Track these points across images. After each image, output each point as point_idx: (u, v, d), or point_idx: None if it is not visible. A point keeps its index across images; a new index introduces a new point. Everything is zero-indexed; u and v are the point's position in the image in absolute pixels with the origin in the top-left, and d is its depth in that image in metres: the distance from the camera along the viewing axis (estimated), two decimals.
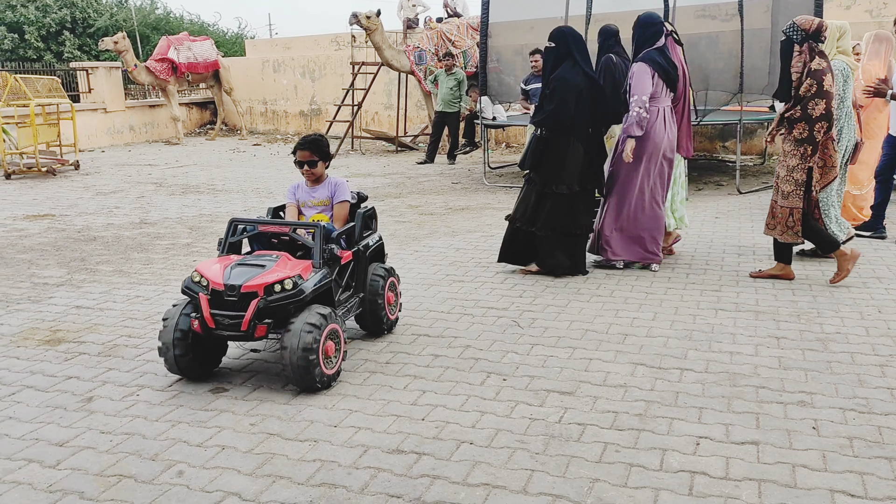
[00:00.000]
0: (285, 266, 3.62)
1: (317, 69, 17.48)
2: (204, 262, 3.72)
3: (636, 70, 5.34)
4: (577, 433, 3.16)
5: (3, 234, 7.34)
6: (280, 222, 3.97)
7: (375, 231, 4.44)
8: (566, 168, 5.37)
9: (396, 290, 4.47)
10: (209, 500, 2.69)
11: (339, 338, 3.66)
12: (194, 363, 3.67)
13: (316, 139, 4.21)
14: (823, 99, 4.89)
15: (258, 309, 3.46)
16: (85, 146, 14.31)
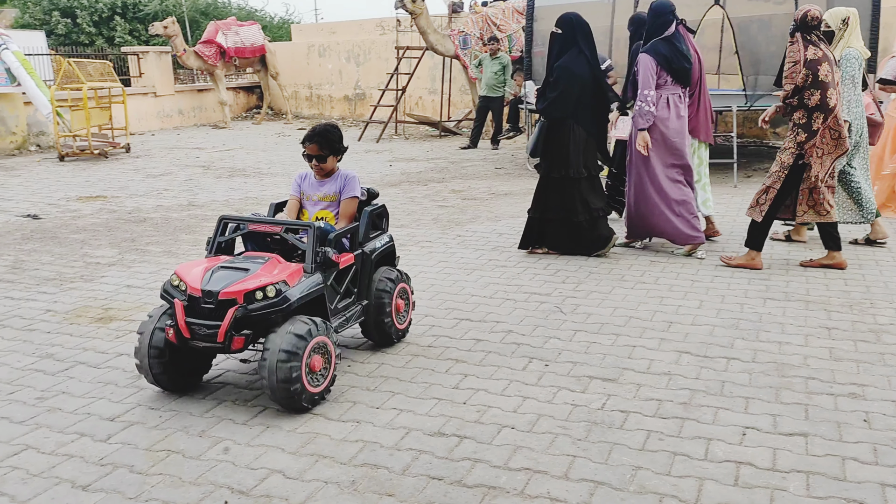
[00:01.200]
0: (271, 270, 3.26)
1: (361, 54, 17.53)
2: (185, 264, 3.40)
3: (641, 63, 5.44)
4: (620, 420, 3.13)
5: (58, 214, 7.55)
6: (272, 221, 3.58)
7: (385, 231, 4.04)
8: (570, 154, 5.45)
9: (408, 298, 4.03)
10: (254, 476, 2.74)
11: (329, 352, 3.27)
12: (178, 377, 3.35)
13: (325, 130, 3.80)
14: (818, 89, 4.91)
15: (236, 318, 3.10)
16: (135, 129, 14.61)
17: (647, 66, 5.39)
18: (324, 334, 3.22)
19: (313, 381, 3.20)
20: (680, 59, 5.42)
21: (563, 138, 5.46)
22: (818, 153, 5.00)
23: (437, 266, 5.50)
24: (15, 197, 8.47)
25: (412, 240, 6.31)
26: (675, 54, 5.41)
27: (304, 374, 3.11)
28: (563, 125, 5.45)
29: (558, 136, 5.46)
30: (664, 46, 5.42)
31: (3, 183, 9.39)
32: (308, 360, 3.13)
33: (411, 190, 8.77)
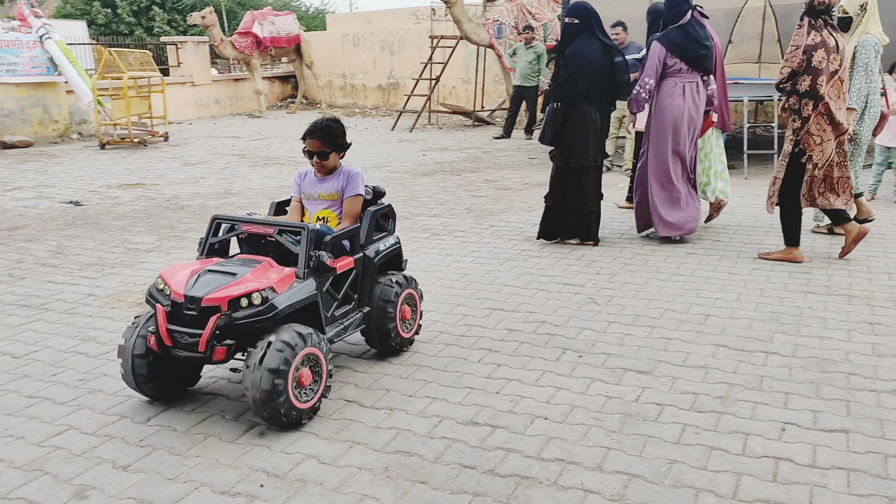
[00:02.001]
0: (261, 276, 3.03)
1: (395, 43, 17.53)
2: (172, 267, 3.17)
3: (651, 50, 5.50)
4: (655, 413, 3.09)
5: (99, 201, 7.69)
6: (265, 221, 3.31)
7: (392, 233, 3.78)
8: (587, 143, 5.50)
9: (416, 304, 3.76)
10: (289, 461, 2.77)
11: (320, 365, 3.03)
12: (163, 385, 3.17)
13: (327, 126, 3.53)
14: (810, 75, 4.88)
15: (218, 327, 2.89)
16: (173, 118, 14.81)
17: (655, 54, 5.44)
18: (314, 346, 2.98)
19: (301, 395, 2.95)
20: (694, 47, 5.41)
21: (579, 126, 5.47)
22: (815, 140, 4.95)
23: (469, 256, 5.50)
24: (58, 184, 8.65)
25: (445, 229, 6.31)
26: (689, 42, 5.40)
27: (291, 388, 2.87)
28: (578, 112, 5.46)
29: (574, 123, 5.47)
30: (678, 34, 5.42)
31: (46, 170, 9.60)
32: (295, 373, 2.90)
33: (444, 180, 8.76)
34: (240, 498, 2.55)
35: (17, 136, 11.61)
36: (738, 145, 8.72)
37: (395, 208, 7.11)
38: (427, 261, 5.38)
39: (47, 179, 8.92)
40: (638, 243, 5.75)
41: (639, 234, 5.96)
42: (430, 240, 5.98)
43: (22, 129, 11.88)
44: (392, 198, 7.62)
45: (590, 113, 5.48)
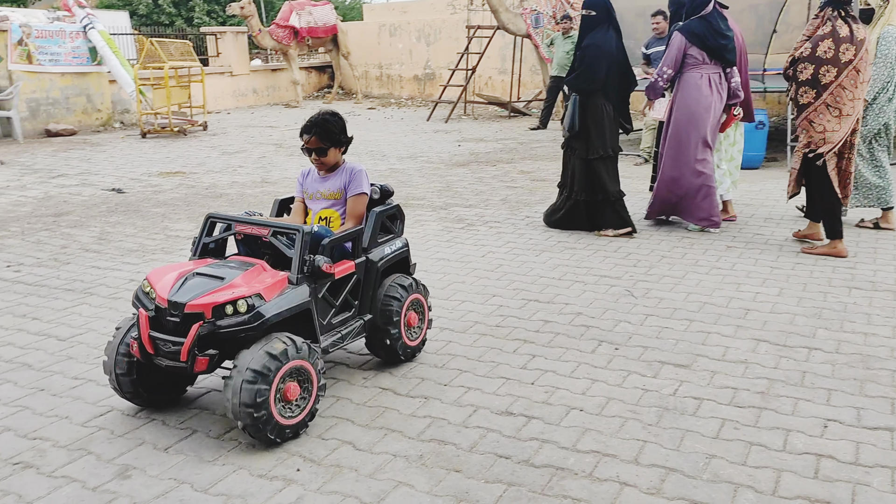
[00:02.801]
0: (251, 280, 2.83)
1: (432, 33, 17.50)
2: (160, 268, 3.00)
3: (672, 40, 5.54)
4: (693, 407, 3.05)
5: (140, 189, 7.83)
6: (260, 222, 3.09)
7: (400, 235, 3.56)
8: (601, 132, 5.55)
9: (423, 310, 3.54)
10: (325, 447, 2.80)
11: (310, 379, 2.84)
12: (151, 393, 3.01)
13: (324, 120, 3.32)
14: (813, 64, 4.91)
15: (199, 336, 2.71)
16: (212, 108, 14.99)
17: (675, 44, 5.48)
18: (303, 358, 2.78)
19: (285, 411, 2.75)
20: (715, 37, 5.42)
21: (596, 117, 5.55)
22: (816, 129, 4.97)
23: (505, 247, 5.48)
24: (101, 171, 8.83)
25: (480, 220, 6.30)
26: (710, 32, 5.42)
27: (274, 401, 2.68)
28: (595, 103, 5.54)
29: (592, 114, 5.55)
30: (699, 25, 5.44)
31: (89, 158, 9.79)
32: (280, 385, 2.71)
33: (480, 170, 8.74)
34: (277, 481, 2.58)
35: (62, 125, 11.86)
36: (781, 137, 8.54)
37: (430, 199, 7.18)
38: (462, 251, 5.38)
39: (91, 167, 9.10)
40: (676, 236, 5.68)
41: (645, 219, 6.05)
42: (465, 230, 5.97)
43: (66, 118, 12.13)
44: (427, 188, 7.65)
45: (604, 105, 5.55)
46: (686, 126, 5.54)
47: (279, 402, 2.72)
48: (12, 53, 11.32)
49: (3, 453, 2.76)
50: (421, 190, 7.60)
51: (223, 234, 3.19)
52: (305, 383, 2.83)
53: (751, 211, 6.43)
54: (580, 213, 5.77)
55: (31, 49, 11.51)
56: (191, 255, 3.18)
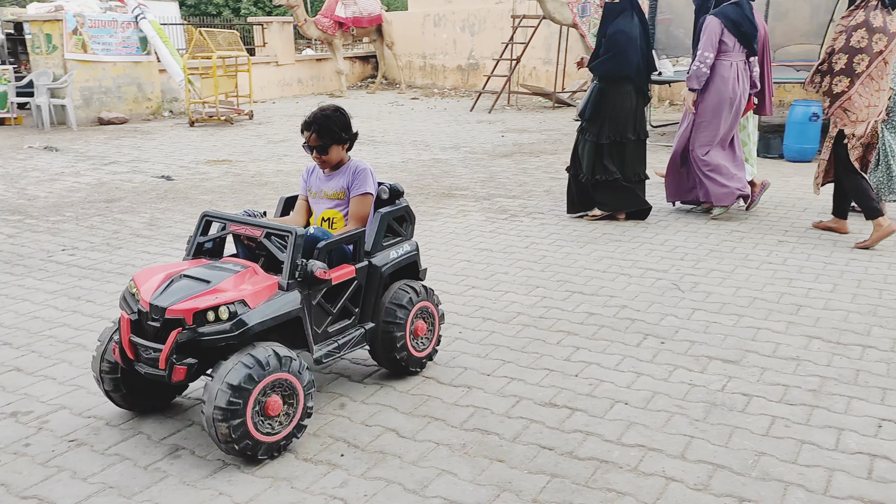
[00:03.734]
0: (238, 285, 2.66)
1: (477, 23, 17.41)
2: (148, 269, 2.85)
3: (707, 24, 5.51)
4: (742, 404, 3.00)
5: (188, 176, 7.97)
6: (254, 223, 2.90)
7: (408, 238, 3.31)
8: (620, 118, 5.61)
9: (433, 318, 3.30)
10: (369, 433, 2.82)
11: (295, 393, 2.64)
12: (138, 397, 2.89)
13: (324, 116, 3.14)
14: (846, 54, 4.96)
15: (178, 343, 2.55)
16: (258, 97, 15.17)
17: (713, 29, 5.45)
18: (284, 370, 2.58)
19: (265, 427, 2.57)
20: (748, 25, 5.49)
21: (616, 104, 5.60)
22: (850, 117, 5.01)
23: (549, 238, 5.44)
24: (151, 159, 9.01)
25: (524, 211, 6.26)
26: (743, 19, 5.47)
27: (251, 418, 2.51)
28: (618, 90, 5.58)
29: (613, 101, 5.59)
30: (733, 11, 5.47)
31: (140, 146, 10.00)
32: (260, 399, 2.54)
33: (523, 161, 8.68)
34: (321, 466, 2.61)
35: (114, 113, 12.13)
36: None
37: (474, 189, 7.16)
38: (505, 242, 5.36)
39: (141, 154, 9.30)
40: (725, 229, 5.57)
41: (668, 202, 6.21)
42: (508, 221, 5.94)
43: (118, 107, 12.40)
44: (470, 178, 7.63)
45: (629, 91, 5.61)
46: (712, 112, 5.60)
47: (259, 418, 2.54)
48: (67, 43, 11.60)
49: (59, 430, 2.85)
50: (464, 180, 7.59)
51: (218, 234, 3.02)
52: (290, 397, 2.63)
53: (803, 205, 6.27)
54: (587, 193, 5.86)
55: (86, 38, 11.78)
56: (185, 255, 3.03)
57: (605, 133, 5.63)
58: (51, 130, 11.26)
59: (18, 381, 3.26)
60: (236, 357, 2.52)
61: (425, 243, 5.32)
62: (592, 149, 5.68)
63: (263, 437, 2.56)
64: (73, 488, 2.49)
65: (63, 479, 2.55)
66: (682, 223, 5.78)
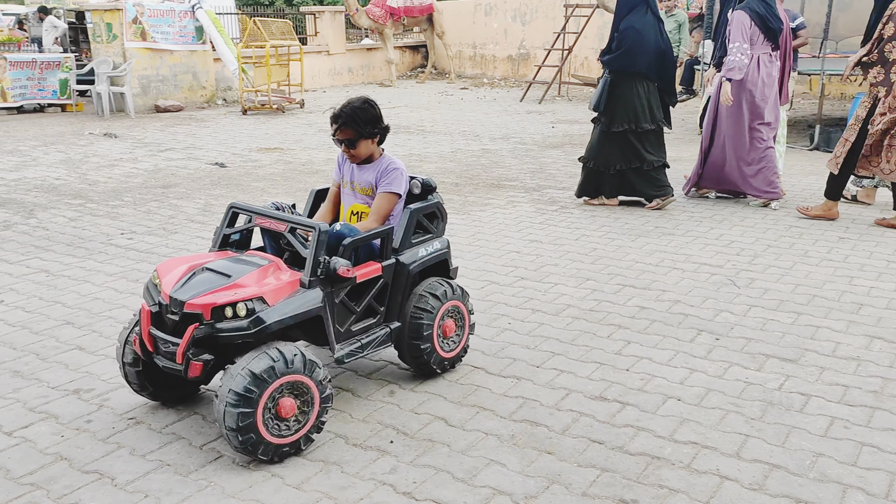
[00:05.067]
0: (260, 280, 2.61)
1: (528, 12, 17.26)
2: (172, 259, 2.82)
3: (735, 18, 5.65)
4: (800, 403, 2.92)
5: (241, 163, 8.10)
6: (277, 216, 2.84)
7: (439, 235, 3.21)
8: (631, 109, 5.71)
9: (463, 318, 3.19)
10: (418, 421, 2.83)
11: (310, 394, 2.58)
12: (162, 389, 2.88)
13: (352, 109, 3.04)
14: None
15: (195, 338, 2.51)
16: (308, 86, 15.31)
17: (741, 22, 5.61)
18: (297, 372, 2.52)
19: (277, 429, 2.52)
20: (774, 20, 5.65)
21: (628, 93, 5.70)
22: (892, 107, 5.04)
23: (599, 230, 5.37)
24: (205, 146, 9.18)
25: (574, 203, 6.20)
26: (769, 13, 5.64)
27: (262, 423, 2.46)
28: (628, 81, 5.69)
29: (623, 93, 5.71)
30: (760, 5, 5.62)
31: (194, 133, 10.20)
32: (271, 403, 2.48)
33: (574, 152, 8.58)
34: (371, 451, 2.63)
35: (170, 101, 12.40)
36: None
37: (523, 180, 7.12)
38: (555, 233, 5.31)
39: (195, 142, 9.48)
40: (784, 225, 5.43)
41: (684, 192, 6.33)
42: (558, 212, 5.89)
43: (174, 95, 12.66)
44: (520, 169, 7.58)
45: (640, 84, 5.71)
46: (739, 105, 5.73)
47: (273, 421, 2.50)
48: (127, 32, 11.88)
49: (118, 408, 2.93)
50: (514, 171, 7.54)
51: (244, 227, 2.98)
52: (304, 398, 2.57)
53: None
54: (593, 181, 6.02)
55: (145, 27, 12.05)
56: (211, 247, 3.00)
57: (616, 122, 5.74)
58: (110, 117, 11.57)
59: (81, 360, 3.36)
60: (240, 365, 2.45)
61: (474, 233, 5.31)
62: (601, 137, 5.84)
63: (279, 439, 2.51)
64: (132, 465, 2.56)
65: (122, 455, 2.62)
66: (738, 217, 5.65)
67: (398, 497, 2.38)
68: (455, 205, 6.09)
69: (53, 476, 2.50)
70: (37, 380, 3.18)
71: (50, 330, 3.69)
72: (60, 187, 6.88)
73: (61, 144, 9.24)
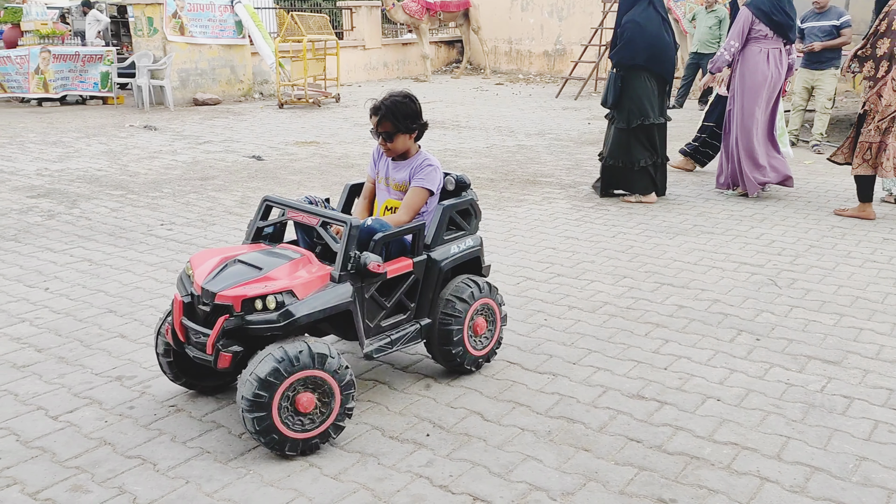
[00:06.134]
0: (288, 274, 2.62)
1: (565, 7, 17.14)
2: (205, 251, 2.86)
3: (739, 14, 5.85)
4: (843, 406, 2.86)
5: (277, 157, 8.18)
6: (309, 210, 2.84)
7: (472, 233, 3.17)
8: (640, 103, 5.81)
9: (494, 316, 3.17)
10: (454, 415, 2.83)
11: (330, 390, 2.56)
12: (196, 378, 2.93)
13: (393, 103, 3.02)
14: (888, 38, 5.09)
15: (225, 330, 2.52)
16: (344, 80, 15.40)
17: (742, 19, 5.78)
18: (317, 367, 2.51)
19: (300, 424, 2.52)
20: (780, 13, 5.72)
21: (636, 90, 5.80)
22: (882, 102, 5.11)
23: (636, 228, 5.32)
24: (242, 139, 9.29)
25: (610, 199, 6.14)
26: (776, 8, 5.71)
27: (279, 420, 2.47)
28: (636, 77, 5.78)
29: (633, 87, 5.80)
30: (766, 2, 5.71)
31: (232, 126, 10.32)
32: (285, 401, 2.48)
33: None
34: (408, 444, 2.64)
35: (208, 94, 12.55)
36: None
37: (559, 176, 7.08)
38: (591, 230, 5.27)
39: (233, 135, 9.59)
40: (826, 225, 5.32)
41: (717, 188, 6.36)
42: (594, 209, 5.85)
43: (212, 88, 12.82)
44: (555, 165, 7.54)
45: (646, 78, 5.79)
46: (745, 97, 5.86)
47: (294, 417, 2.51)
48: (167, 26, 12.06)
49: (160, 395, 2.98)
50: (549, 167, 7.50)
51: (277, 220, 2.98)
52: (324, 394, 2.55)
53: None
54: (615, 178, 6.07)
55: (184, 21, 12.22)
56: (244, 239, 3.01)
57: (634, 118, 5.82)
58: (149, 110, 11.76)
59: (123, 348, 3.43)
60: (257, 359, 2.46)
61: (509, 229, 5.30)
62: (620, 135, 5.91)
63: (296, 434, 2.51)
64: (173, 451, 2.61)
65: (164, 441, 2.67)
66: (778, 217, 5.56)
67: (434, 490, 2.39)
68: (490, 200, 6.08)
69: (98, 460, 2.56)
70: (81, 366, 3.25)
71: (93, 318, 3.77)
72: (102, 178, 7.02)
73: (103, 136, 9.42)
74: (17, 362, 3.28)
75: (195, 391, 2.99)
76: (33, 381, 3.11)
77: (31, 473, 2.48)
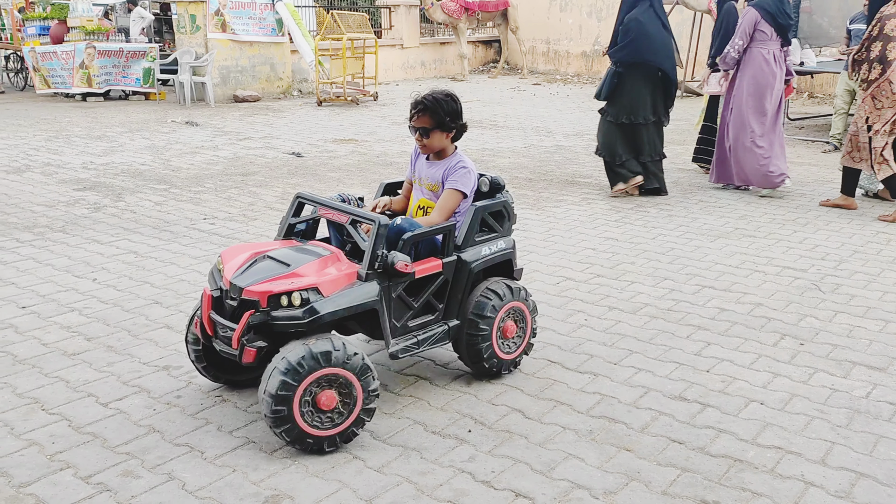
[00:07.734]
0: (316, 271, 2.62)
1: (604, 7, 17.03)
2: (236, 246, 2.88)
3: (746, 15, 5.94)
4: (889, 413, 2.82)
5: (317, 154, 8.27)
6: (340, 207, 2.84)
7: (505, 235, 3.12)
8: (636, 101, 5.94)
9: (525, 320, 3.11)
10: (495, 412, 2.85)
11: (352, 387, 2.54)
12: (221, 372, 2.95)
13: (435, 100, 3.00)
14: (881, 41, 5.19)
15: (251, 325, 2.54)
16: (382, 79, 15.49)
17: (750, 19, 5.86)
18: (338, 365, 2.49)
19: (317, 421, 2.51)
20: (783, 16, 5.87)
21: (633, 88, 5.93)
22: (876, 104, 5.25)
23: (677, 230, 5.28)
24: (282, 136, 9.41)
25: (651, 202, 6.11)
26: (780, 11, 5.85)
27: (298, 411, 2.47)
28: (635, 75, 5.89)
29: (630, 85, 5.93)
30: (772, 3, 5.82)
31: (271, 123, 10.46)
32: (307, 393, 2.48)
33: None
34: (449, 440, 2.67)
35: (248, 92, 12.73)
36: None
37: (598, 177, 7.05)
38: (631, 232, 5.25)
39: (272, 132, 9.72)
40: (871, 230, 5.23)
41: (713, 183, 6.53)
42: (634, 210, 5.82)
43: (252, 85, 13.00)
44: (594, 166, 7.51)
45: (644, 76, 5.91)
46: (752, 97, 5.94)
47: (311, 411, 2.50)
48: (209, 23, 12.25)
49: (205, 386, 3.05)
50: (588, 168, 7.47)
51: (310, 217, 2.98)
52: (346, 392, 2.54)
53: None
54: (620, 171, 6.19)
55: (226, 19, 12.41)
56: (276, 235, 3.03)
57: (623, 114, 5.97)
58: (191, 106, 11.97)
59: (169, 338, 3.51)
60: (278, 359, 2.46)
61: (548, 229, 5.29)
62: (609, 128, 6.08)
63: (316, 431, 2.51)
64: (220, 440, 2.67)
65: (210, 430, 2.73)
66: (822, 221, 5.47)
67: (477, 485, 2.41)
68: (529, 200, 6.08)
69: (147, 447, 2.62)
70: (129, 355, 3.33)
71: (140, 308, 3.86)
72: (146, 172, 7.17)
73: (146, 131, 9.61)
74: (67, 350, 3.37)
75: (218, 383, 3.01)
76: (83, 368, 3.20)
77: (83, 458, 2.55)
